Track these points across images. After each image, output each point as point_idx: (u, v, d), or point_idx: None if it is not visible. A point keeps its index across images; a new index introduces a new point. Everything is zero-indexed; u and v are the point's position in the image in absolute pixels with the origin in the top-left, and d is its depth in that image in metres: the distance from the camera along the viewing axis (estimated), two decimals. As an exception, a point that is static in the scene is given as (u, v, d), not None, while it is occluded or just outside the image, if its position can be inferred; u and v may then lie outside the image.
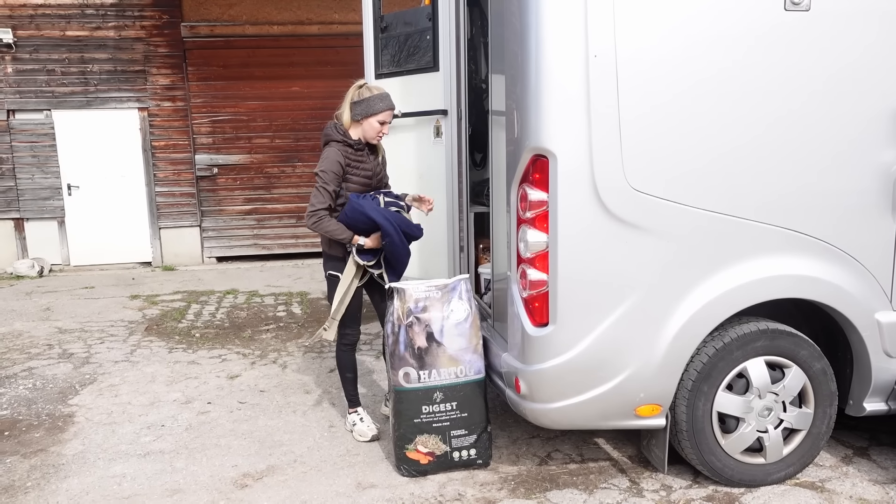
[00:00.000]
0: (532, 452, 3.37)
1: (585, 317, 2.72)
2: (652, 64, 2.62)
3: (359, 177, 3.31)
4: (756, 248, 2.78)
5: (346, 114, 3.31)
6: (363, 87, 3.32)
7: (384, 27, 4.16)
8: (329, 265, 3.42)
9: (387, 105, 3.29)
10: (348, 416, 3.62)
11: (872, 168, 2.81)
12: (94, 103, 8.18)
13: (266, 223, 8.71)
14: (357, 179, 3.30)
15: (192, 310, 6.31)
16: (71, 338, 5.47)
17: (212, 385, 4.37)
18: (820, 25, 2.68)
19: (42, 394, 4.28)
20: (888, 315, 2.91)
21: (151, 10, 8.14)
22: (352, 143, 3.28)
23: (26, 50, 7.99)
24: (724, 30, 2.64)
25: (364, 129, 3.30)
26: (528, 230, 2.73)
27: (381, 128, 3.30)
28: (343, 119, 3.32)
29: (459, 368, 3.10)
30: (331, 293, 3.43)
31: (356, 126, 3.31)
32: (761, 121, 2.72)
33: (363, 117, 3.27)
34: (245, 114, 8.50)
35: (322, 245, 3.45)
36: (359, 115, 3.27)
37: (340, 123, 3.32)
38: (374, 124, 3.28)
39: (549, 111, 2.61)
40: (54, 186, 8.26)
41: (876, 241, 2.87)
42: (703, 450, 2.90)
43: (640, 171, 2.66)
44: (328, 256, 3.42)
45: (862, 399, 3.01)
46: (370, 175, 3.36)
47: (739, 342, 2.83)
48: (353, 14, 7.92)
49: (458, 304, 3.11)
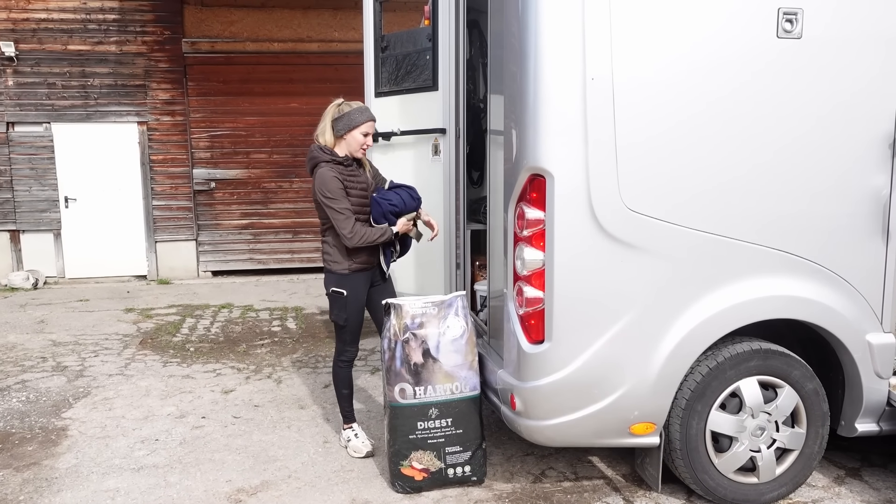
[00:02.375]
0: (526, 470, 3.38)
1: (581, 334, 2.75)
2: (648, 88, 2.68)
3: (356, 193, 3.34)
4: (749, 269, 2.82)
5: (327, 132, 3.33)
6: (342, 104, 3.37)
7: (384, 46, 4.23)
8: (332, 282, 3.43)
9: (367, 116, 3.35)
10: (343, 432, 3.62)
11: (863, 192, 2.87)
12: (93, 117, 8.22)
13: (262, 238, 8.72)
14: (355, 194, 3.34)
15: (186, 324, 6.31)
16: (65, 350, 5.45)
17: (206, 399, 4.37)
18: (812, 53, 2.75)
19: (35, 407, 4.27)
20: (879, 336, 2.95)
21: (153, 25, 8.22)
22: (341, 161, 3.32)
23: (28, 63, 8.04)
24: (719, 58, 2.71)
25: (348, 144, 3.33)
26: (524, 248, 2.77)
27: (364, 140, 3.34)
28: (325, 138, 3.34)
29: (455, 385, 3.11)
30: (333, 310, 3.45)
31: (340, 143, 3.34)
32: (755, 145, 2.78)
33: (346, 131, 3.31)
34: (244, 129, 8.55)
35: (325, 262, 3.45)
36: (342, 129, 3.31)
37: (324, 144, 3.34)
38: (358, 137, 3.32)
39: (547, 131, 2.66)
40: (51, 199, 8.27)
41: (867, 264, 2.92)
42: (696, 469, 2.92)
43: (635, 191, 2.71)
44: (331, 273, 3.43)
45: (854, 420, 3.03)
46: (365, 189, 3.40)
47: (733, 362, 2.86)
48: (353, 32, 8.02)
49: (455, 321, 3.13)
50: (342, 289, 3.38)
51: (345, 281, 3.37)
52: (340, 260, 3.37)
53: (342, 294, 3.38)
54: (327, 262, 3.43)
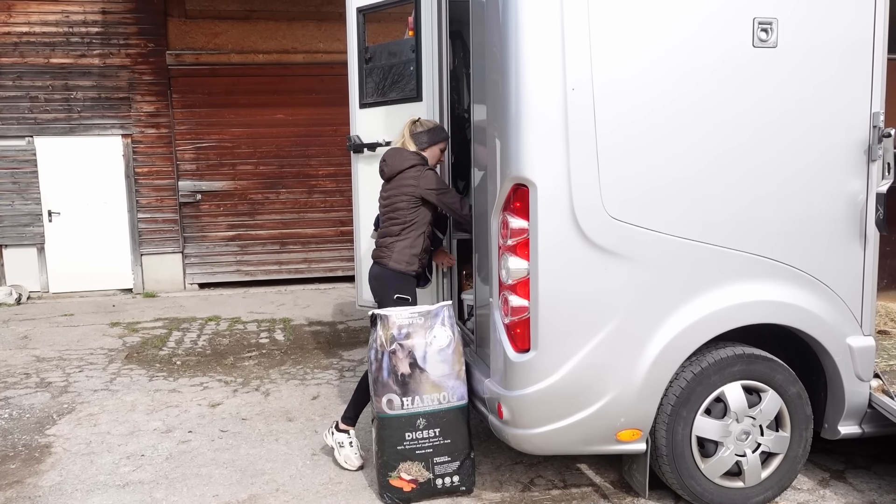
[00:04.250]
0: (515, 479, 3.38)
1: (566, 342, 2.77)
2: (628, 97, 2.72)
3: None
4: (730, 275, 2.86)
5: (410, 144, 3.53)
6: (419, 121, 3.60)
7: (369, 58, 4.25)
8: (398, 286, 3.50)
9: (446, 135, 3.67)
10: (336, 433, 3.55)
11: (841, 197, 2.91)
12: (77, 130, 8.17)
13: (249, 249, 8.69)
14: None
15: (173, 337, 6.26)
16: (49, 366, 5.39)
17: (193, 413, 4.33)
18: (788, 61, 2.80)
19: (18, 424, 4.21)
20: (859, 339, 2.99)
21: (137, 38, 8.19)
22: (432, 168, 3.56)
23: (9, 77, 7.98)
24: (697, 65, 2.75)
25: (429, 157, 3.58)
26: (509, 257, 2.79)
27: (441, 154, 3.65)
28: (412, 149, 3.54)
29: (442, 395, 3.12)
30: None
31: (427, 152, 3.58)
32: (733, 151, 2.82)
33: (429, 145, 3.56)
34: (229, 141, 8.52)
35: (395, 261, 3.49)
36: (425, 143, 3.55)
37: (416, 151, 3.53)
38: (437, 152, 3.61)
39: (529, 142, 2.69)
40: (34, 213, 8.19)
41: (846, 268, 2.96)
42: (683, 474, 2.94)
43: (617, 199, 2.74)
44: (400, 275, 3.51)
45: (836, 422, 3.07)
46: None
47: (716, 367, 2.89)
48: (338, 43, 8.03)
49: (441, 331, 3.14)
50: (407, 294, 3.51)
51: (409, 284, 3.52)
52: (413, 261, 3.50)
53: (407, 300, 3.49)
54: (397, 261, 3.49)
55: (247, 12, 8.37)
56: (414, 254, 3.50)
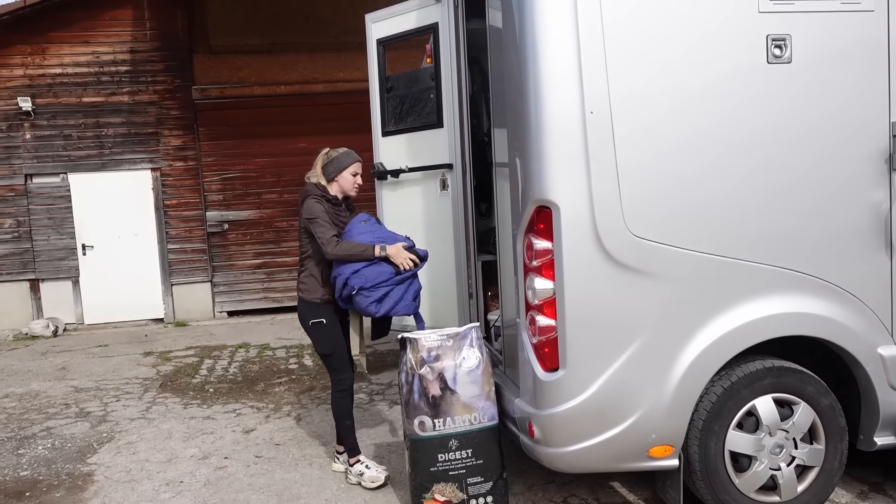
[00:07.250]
0: (549, 498, 3.39)
1: (595, 360, 2.79)
2: (646, 117, 2.76)
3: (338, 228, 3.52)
4: (756, 289, 2.86)
5: (320, 178, 3.56)
6: (329, 152, 3.62)
7: (389, 87, 4.36)
8: (309, 313, 3.54)
9: (354, 158, 3.60)
10: (351, 467, 3.63)
11: (865, 207, 2.91)
12: (108, 165, 8.45)
13: (276, 276, 8.84)
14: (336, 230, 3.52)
15: (205, 365, 6.38)
16: (87, 396, 5.53)
17: (228, 440, 4.42)
18: (803, 75, 2.83)
19: (61, 453, 4.33)
20: (891, 349, 2.97)
21: (164, 75, 8.48)
22: (329, 198, 3.52)
23: (44, 117, 8.30)
24: (713, 83, 2.79)
25: (341, 185, 3.57)
26: (535, 278, 2.83)
27: (355, 179, 3.59)
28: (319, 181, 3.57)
29: (473, 415, 3.15)
30: (317, 343, 3.58)
31: (332, 185, 3.57)
32: (754, 167, 2.84)
33: (337, 174, 3.55)
34: (254, 170, 8.73)
35: (301, 291, 3.57)
36: (332, 173, 3.55)
37: (318, 182, 3.56)
38: (348, 177, 3.57)
39: (551, 164, 2.74)
40: (69, 247, 8.45)
41: (873, 278, 2.95)
42: (717, 490, 2.92)
43: (639, 217, 2.77)
44: (307, 304, 3.54)
45: (872, 433, 3.03)
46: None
47: (746, 380, 2.89)
48: (358, 72, 8.20)
49: (470, 352, 3.19)
50: (321, 318, 3.50)
51: (320, 310, 3.51)
52: (315, 289, 3.52)
53: (322, 323, 3.51)
54: (302, 290, 3.57)
55: (269, 45, 8.62)
56: (317, 282, 3.52)
